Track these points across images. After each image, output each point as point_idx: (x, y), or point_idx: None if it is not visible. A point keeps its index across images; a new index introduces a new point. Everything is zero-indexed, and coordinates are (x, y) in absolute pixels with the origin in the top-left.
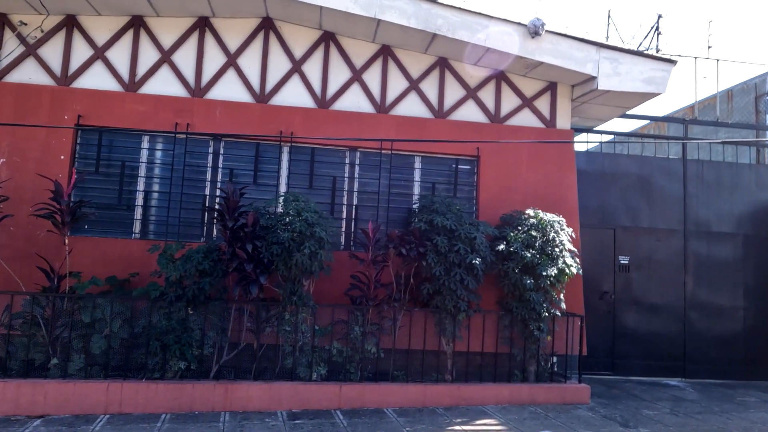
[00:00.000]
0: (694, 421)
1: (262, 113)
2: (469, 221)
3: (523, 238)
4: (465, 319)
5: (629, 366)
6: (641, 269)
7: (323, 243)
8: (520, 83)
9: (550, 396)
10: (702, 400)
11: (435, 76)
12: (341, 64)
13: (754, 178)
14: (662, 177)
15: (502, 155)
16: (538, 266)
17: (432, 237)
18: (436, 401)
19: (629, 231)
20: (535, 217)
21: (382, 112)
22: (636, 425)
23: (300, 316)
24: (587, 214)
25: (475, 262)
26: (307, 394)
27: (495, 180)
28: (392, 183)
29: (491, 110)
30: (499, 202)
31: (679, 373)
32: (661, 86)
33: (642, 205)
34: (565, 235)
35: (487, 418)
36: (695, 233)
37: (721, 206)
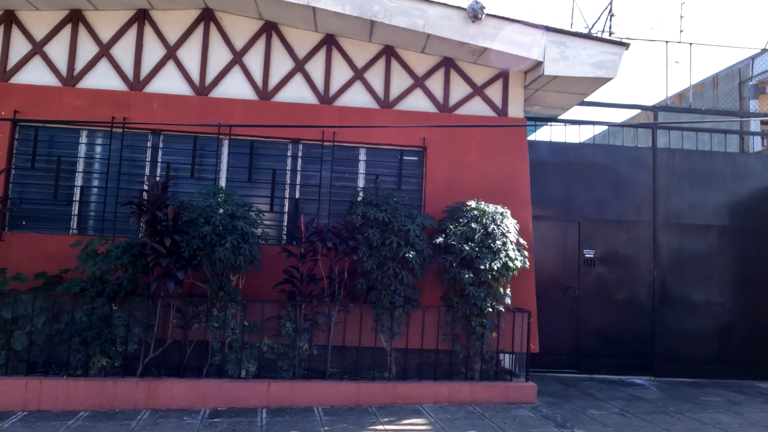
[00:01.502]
0: (640, 421)
1: (201, 106)
2: (405, 213)
3: (462, 231)
4: (404, 315)
5: (595, 364)
6: (608, 263)
7: (248, 237)
8: (471, 71)
9: (493, 395)
10: (660, 400)
11: (381, 65)
12: (283, 54)
13: (730, 167)
14: (631, 167)
15: (450, 146)
16: (477, 260)
17: (365, 230)
18: (370, 400)
19: (595, 223)
20: (477, 209)
21: (325, 103)
22: (573, 426)
23: (229, 312)
24: (551, 206)
25: (409, 255)
26: (234, 392)
27: (443, 171)
28: (336, 175)
29: (440, 99)
30: (447, 194)
31: (647, 371)
32: (611, 70)
33: (609, 196)
34: (512, 226)
35: (417, 417)
36: (666, 225)
37: (693, 197)
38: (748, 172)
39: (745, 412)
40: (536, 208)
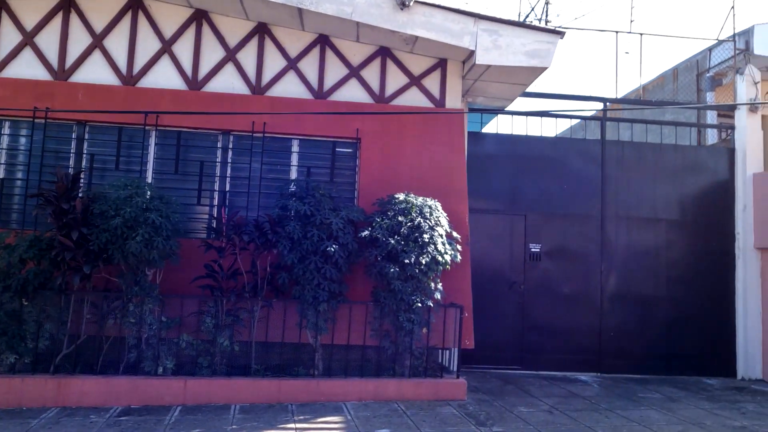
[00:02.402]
0: (565, 419)
1: (127, 96)
2: (330, 206)
3: (388, 224)
4: (330, 310)
5: (540, 360)
6: (554, 257)
7: (162, 230)
8: (408, 61)
9: (420, 392)
10: (597, 397)
11: (315, 55)
12: (214, 43)
13: (680, 160)
14: (579, 159)
15: (385, 137)
16: (402, 254)
17: (287, 223)
18: (292, 397)
19: (542, 217)
20: (405, 201)
21: (257, 93)
22: (494, 424)
23: (146, 308)
24: (498, 199)
25: (330, 249)
26: (148, 389)
27: (377, 163)
28: (268, 168)
29: (375, 90)
30: (382, 187)
31: (594, 367)
32: (546, 59)
33: (557, 189)
34: (443, 220)
35: (335, 415)
36: (614, 219)
37: (643, 190)
38: (699, 165)
39: (679, 408)
40: (482, 201)
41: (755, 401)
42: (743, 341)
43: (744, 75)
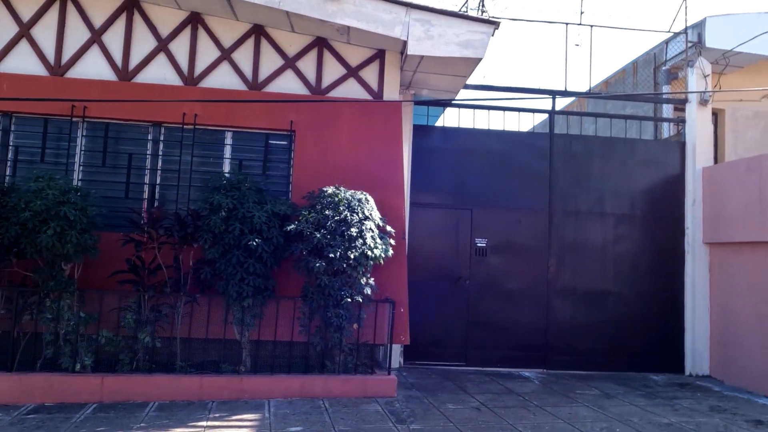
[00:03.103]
0: (491, 416)
1: (54, 86)
2: (255, 200)
3: (314, 218)
4: (257, 305)
5: (485, 356)
6: (500, 252)
7: (77, 223)
8: (345, 51)
9: (348, 389)
10: (533, 393)
11: (250, 45)
12: (146, 33)
13: (630, 153)
14: (527, 153)
15: (320, 130)
16: (328, 248)
17: (209, 217)
18: (214, 394)
19: (488, 211)
20: (333, 195)
21: (189, 84)
22: (414, 421)
23: (63, 303)
24: (443, 193)
25: (252, 243)
26: (63, 386)
27: (312, 156)
28: (200, 160)
29: (312, 81)
30: (317, 180)
31: (540, 363)
32: (480, 50)
33: (504, 183)
34: (374, 213)
35: (254, 413)
36: (562, 213)
37: (591, 184)
38: (650, 159)
39: (612, 405)
40: (428, 195)
41: (694, 398)
42: (691, 337)
43: (694, 68)
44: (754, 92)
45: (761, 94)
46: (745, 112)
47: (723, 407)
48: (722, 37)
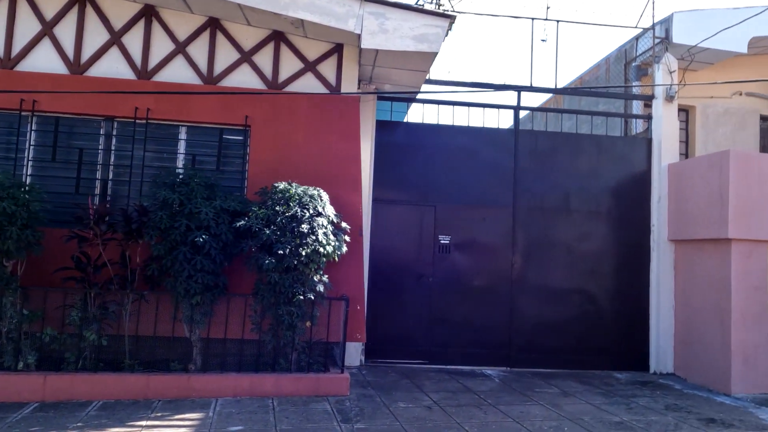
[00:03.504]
0: (440, 415)
1: (3, 79)
2: (203, 195)
3: (264, 214)
4: (207, 303)
5: (449, 354)
6: (464, 249)
7: (16, 219)
8: (302, 45)
9: (300, 387)
10: (490, 392)
11: (205, 39)
12: (98, 25)
13: (595, 150)
14: (492, 149)
15: (277, 124)
16: (276, 244)
17: (156, 213)
18: (161, 393)
19: (452, 208)
20: (284, 191)
21: (143, 78)
22: (360, 420)
23: (6, 300)
24: (406, 190)
25: (199, 240)
26: (4, 385)
27: (268, 151)
28: (154, 155)
29: (268, 75)
30: (273, 176)
31: (504, 361)
32: (434, 44)
33: (468, 179)
34: (328, 209)
35: (198, 412)
36: (526, 210)
37: (556, 181)
38: (616, 155)
39: (568, 404)
40: (391, 192)
41: (653, 396)
42: (656, 335)
43: (660, 64)
44: (726, 89)
45: (732, 90)
46: (716, 109)
47: (679, 405)
48: (689, 32)
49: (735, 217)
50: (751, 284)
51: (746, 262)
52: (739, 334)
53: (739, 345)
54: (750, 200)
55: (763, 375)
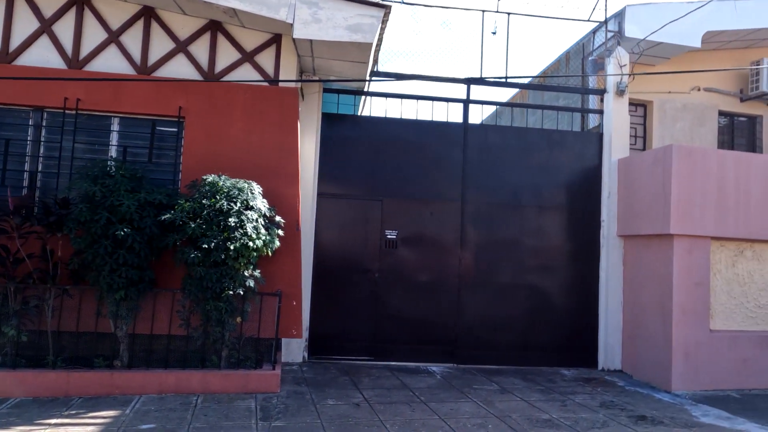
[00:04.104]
0: (366, 413)
1: None
2: (128, 187)
3: (190, 207)
4: (133, 298)
5: (395, 350)
6: (411, 244)
7: None
8: (240, 36)
9: (228, 384)
10: (427, 389)
11: (139, 28)
12: (28, 13)
13: (547, 144)
14: (441, 143)
15: (212, 116)
16: (202, 238)
17: (78, 206)
18: (82, 390)
19: (399, 202)
20: (211, 184)
21: (74, 68)
22: (281, 418)
23: None
24: (352, 184)
25: (120, 233)
26: None
27: (203, 144)
28: (86, 147)
29: (204, 66)
30: (208, 169)
31: (450, 358)
32: (369, 35)
33: (416, 174)
34: (259, 203)
35: (115, 409)
36: (475, 205)
37: (507, 176)
38: (567, 150)
39: (502, 401)
40: (337, 186)
41: (593, 393)
42: (604, 331)
43: (611, 58)
44: (684, 84)
45: (690, 85)
46: (673, 104)
47: (615, 403)
48: (642, 26)
49: (677, 213)
50: (693, 280)
51: (688, 258)
52: (681, 330)
53: (680, 342)
54: (693, 195)
55: (705, 372)
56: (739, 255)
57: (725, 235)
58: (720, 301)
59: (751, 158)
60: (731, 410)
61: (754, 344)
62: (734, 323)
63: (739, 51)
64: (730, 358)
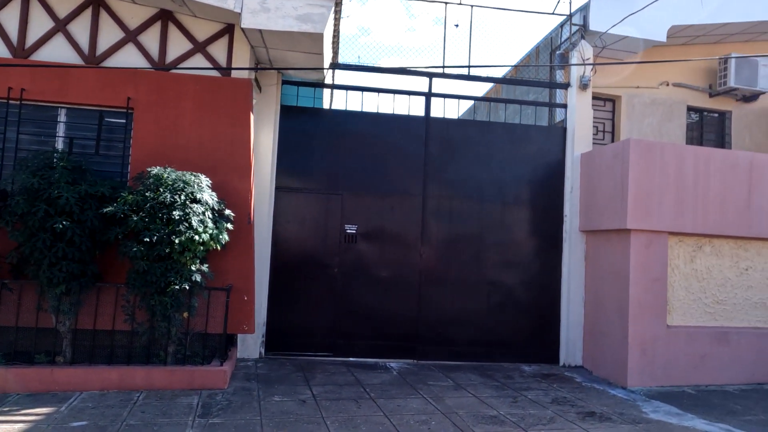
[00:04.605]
0: (309, 410)
1: None
2: (68, 179)
3: (133, 200)
4: (75, 292)
5: (355, 346)
6: (372, 239)
7: None
8: (192, 26)
9: (173, 380)
10: (381, 385)
11: (87, 16)
12: None
13: (510, 139)
14: (403, 137)
15: (162, 108)
16: (144, 232)
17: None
18: (21, 387)
19: (360, 197)
20: (155, 176)
21: (19, 56)
22: (220, 415)
23: None
24: (312, 178)
25: (58, 226)
26: None
27: (153, 136)
28: (32, 138)
29: (155, 56)
30: (157, 161)
31: (410, 354)
32: (319, 24)
33: (377, 168)
34: (207, 196)
35: (51, 406)
36: (437, 199)
37: (469, 170)
38: (531, 144)
39: (452, 397)
40: (296, 179)
41: (548, 389)
42: (566, 327)
43: (575, 51)
44: (653, 79)
45: (659, 80)
46: (642, 99)
47: (569, 399)
48: (606, 20)
49: (634, 208)
50: (651, 276)
51: (645, 253)
52: (637, 326)
53: (636, 337)
54: (651, 190)
55: (661, 368)
56: (698, 250)
57: (684, 231)
58: (678, 297)
59: (711, 153)
60: (683, 406)
61: (711, 340)
62: (692, 319)
63: (709, 46)
64: (688, 354)
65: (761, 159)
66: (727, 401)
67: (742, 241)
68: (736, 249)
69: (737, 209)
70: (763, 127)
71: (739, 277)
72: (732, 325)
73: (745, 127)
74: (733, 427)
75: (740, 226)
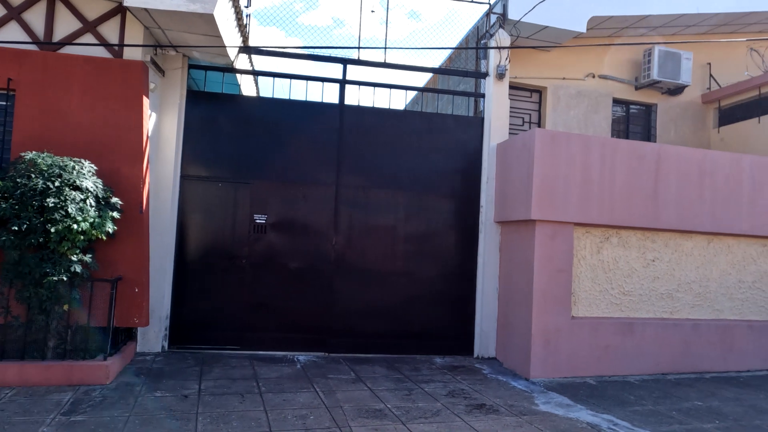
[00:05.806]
0: (187, 405)
1: None
2: None
3: (3, 187)
4: None
5: (263, 339)
6: (282, 230)
7: None
8: (82, 4)
9: (50, 376)
10: (277, 379)
11: None
12: None
13: (427, 128)
14: (316, 125)
15: (48, 90)
16: (14, 219)
17: None
18: None
19: (269, 186)
20: (32, 161)
21: None
22: (88, 411)
23: None
24: (219, 165)
25: None
26: None
27: (38, 120)
28: None
29: (40, 35)
30: (40, 147)
31: (320, 346)
32: (209, 5)
33: (289, 156)
34: (88, 183)
35: None
36: (351, 189)
37: (384, 160)
38: (449, 134)
39: (346, 391)
40: (202, 167)
41: (451, 381)
42: (480, 318)
43: (492, 40)
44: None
45: (585, 72)
46: (567, 91)
47: (466, 391)
48: (526, 9)
49: (539, 198)
50: (555, 267)
51: (550, 244)
52: (541, 317)
53: (540, 328)
54: (556, 181)
55: (565, 359)
56: (604, 241)
57: (590, 222)
58: (584, 288)
59: (617, 144)
60: (577, 398)
61: (616, 331)
62: (598, 310)
63: (634, 39)
64: (592, 345)
65: (668, 151)
66: (623, 392)
67: (649, 232)
68: (643, 240)
69: (644, 201)
70: (688, 121)
71: (645, 268)
72: (637, 316)
73: (671, 120)
74: (616, 418)
75: (647, 218)
